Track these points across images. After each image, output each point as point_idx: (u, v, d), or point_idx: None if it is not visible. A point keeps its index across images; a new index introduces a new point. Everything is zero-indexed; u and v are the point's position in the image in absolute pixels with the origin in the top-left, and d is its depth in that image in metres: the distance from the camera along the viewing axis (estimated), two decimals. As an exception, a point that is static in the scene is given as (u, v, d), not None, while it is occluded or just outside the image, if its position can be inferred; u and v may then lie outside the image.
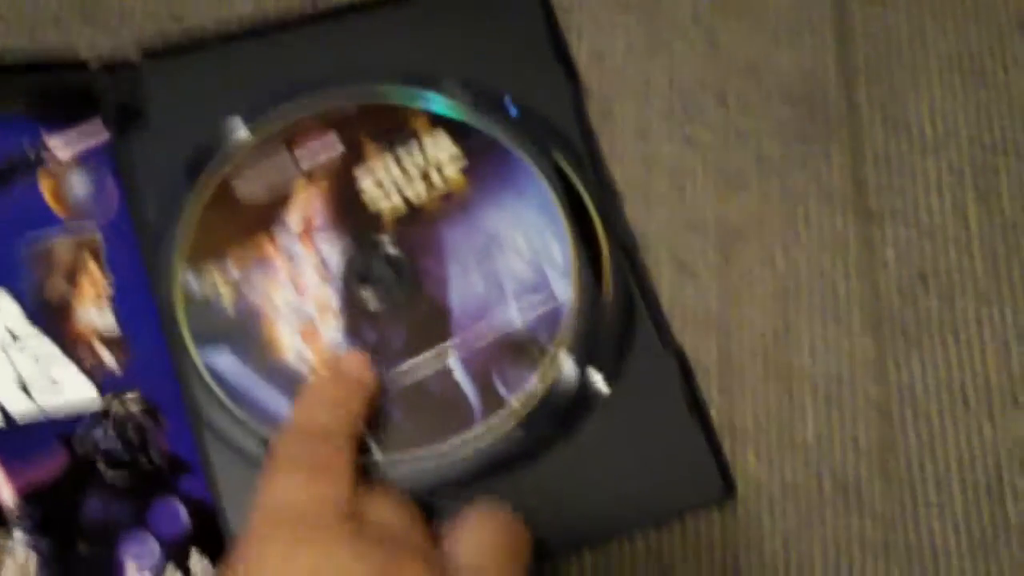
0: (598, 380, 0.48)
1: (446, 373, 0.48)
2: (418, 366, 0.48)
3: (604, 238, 0.50)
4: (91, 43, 0.54)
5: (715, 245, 0.52)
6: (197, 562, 0.46)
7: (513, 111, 0.51)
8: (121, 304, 0.49)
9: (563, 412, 0.48)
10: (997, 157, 0.53)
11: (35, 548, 0.46)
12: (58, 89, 0.52)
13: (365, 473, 0.46)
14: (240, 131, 0.51)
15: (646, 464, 0.47)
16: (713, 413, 0.49)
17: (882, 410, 0.50)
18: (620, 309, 0.49)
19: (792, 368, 0.51)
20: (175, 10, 0.55)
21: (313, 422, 0.43)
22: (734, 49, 0.55)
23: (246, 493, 0.44)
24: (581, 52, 0.54)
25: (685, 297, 0.51)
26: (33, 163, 0.50)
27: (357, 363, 0.46)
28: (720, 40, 0.55)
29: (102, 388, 0.48)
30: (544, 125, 0.51)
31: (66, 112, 0.51)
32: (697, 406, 0.48)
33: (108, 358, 0.48)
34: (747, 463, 0.49)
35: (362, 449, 0.46)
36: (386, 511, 0.42)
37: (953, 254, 0.52)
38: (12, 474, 0.46)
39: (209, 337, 0.48)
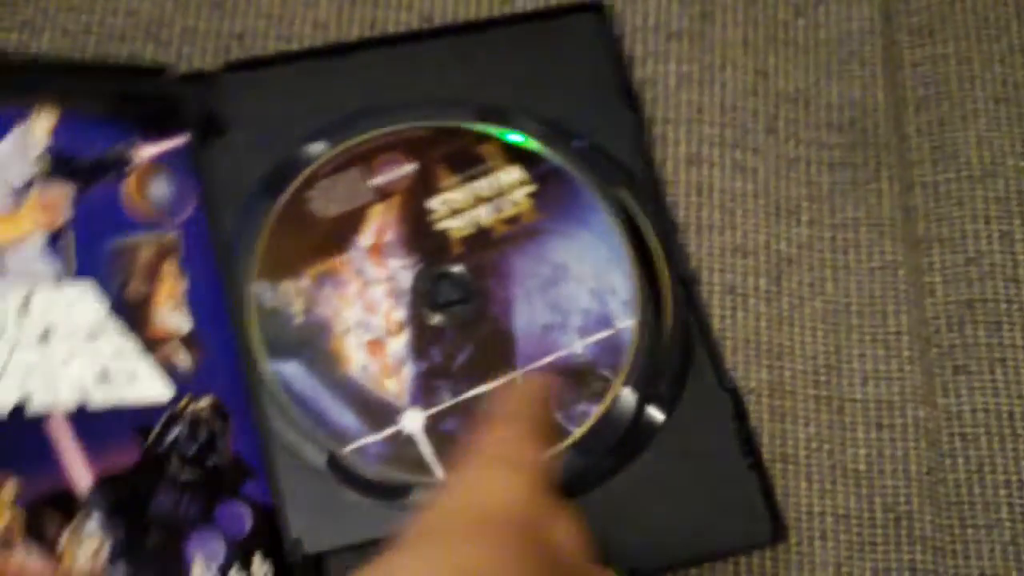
0: (655, 413, 0.46)
1: None
2: (482, 392, 0.45)
3: (665, 272, 0.47)
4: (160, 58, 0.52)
5: (765, 271, 0.49)
6: (260, 565, 0.44)
7: (580, 143, 0.49)
8: (196, 307, 0.47)
9: (619, 444, 0.45)
10: (1042, 187, 0.50)
11: (108, 534, 0.44)
12: (144, 95, 0.50)
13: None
14: (318, 148, 0.49)
15: (697, 501, 0.45)
16: (764, 440, 0.47)
17: (931, 436, 0.48)
18: (679, 343, 0.47)
19: (842, 394, 0.48)
20: (236, 29, 0.53)
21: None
22: (784, 78, 0.53)
23: (307, 501, 0.43)
24: (633, 79, 0.51)
25: (735, 322, 0.49)
26: (119, 164, 0.48)
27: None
28: (770, 69, 0.52)
29: (176, 387, 0.46)
30: (608, 158, 0.49)
31: (151, 119, 0.49)
32: (749, 448, 0.45)
33: (182, 358, 0.46)
34: (798, 490, 0.47)
35: (428, 471, 0.44)
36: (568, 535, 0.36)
37: (1000, 282, 0.49)
38: (89, 459, 0.44)
39: (278, 347, 0.46)
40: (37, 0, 0.52)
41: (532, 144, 0.49)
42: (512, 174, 0.49)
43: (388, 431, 0.45)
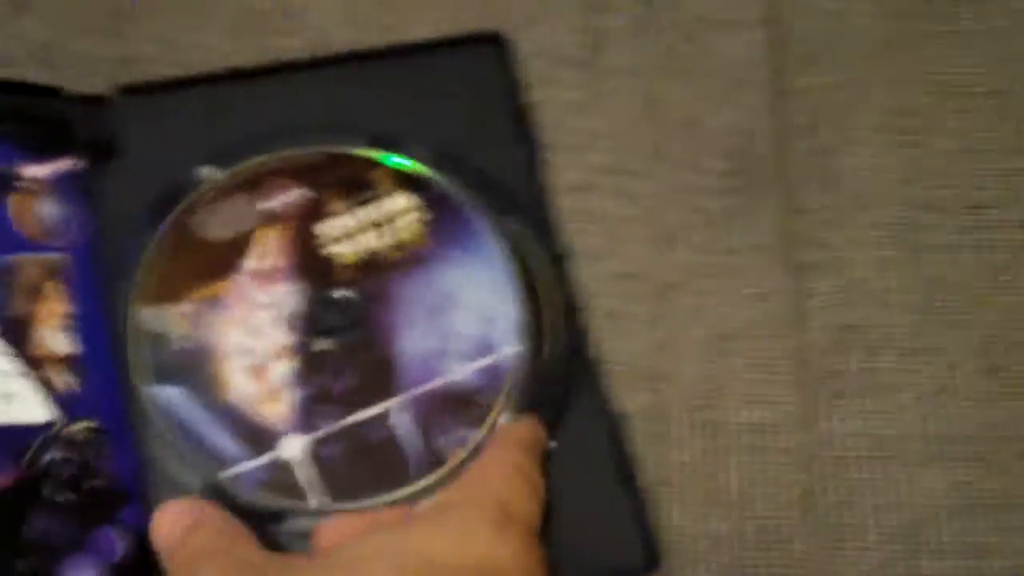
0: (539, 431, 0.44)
1: (388, 426, 0.45)
2: (363, 418, 0.45)
3: (550, 299, 0.47)
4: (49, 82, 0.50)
5: (649, 296, 0.49)
6: None
7: (469, 171, 0.48)
8: (81, 330, 0.46)
9: None
10: (921, 214, 0.50)
11: None
12: (35, 115, 0.48)
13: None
14: (206, 173, 0.48)
15: (572, 527, 0.44)
16: (642, 464, 0.46)
17: (805, 462, 0.47)
18: (561, 370, 0.46)
19: (718, 419, 0.47)
20: (126, 53, 0.52)
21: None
22: (673, 104, 0.52)
23: None
24: (525, 108, 0.51)
25: (616, 347, 0.48)
26: (4, 181, 0.47)
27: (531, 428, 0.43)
28: (659, 95, 0.52)
29: (55, 408, 0.45)
30: (498, 186, 0.48)
31: (42, 139, 0.48)
32: (626, 475, 0.45)
33: (63, 380, 0.45)
34: (672, 514, 0.46)
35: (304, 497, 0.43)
36: None
37: (877, 309, 0.49)
38: None
39: (160, 371, 0.45)
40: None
41: (422, 170, 0.48)
42: (401, 200, 0.48)
43: (267, 457, 0.44)
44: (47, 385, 0.45)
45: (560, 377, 0.46)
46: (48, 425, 0.45)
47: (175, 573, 0.39)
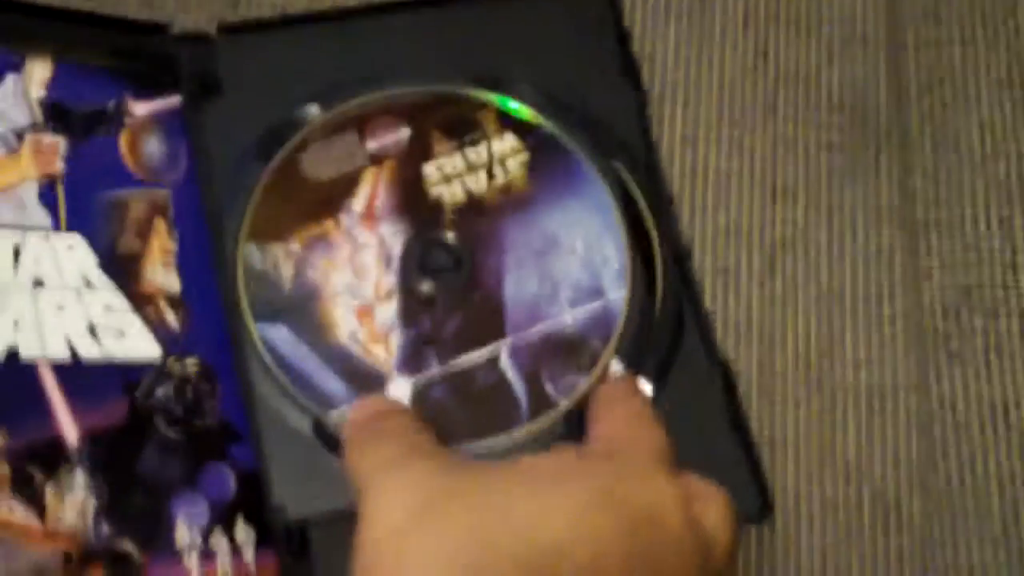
0: (644, 386, 0.44)
1: (497, 370, 0.44)
2: (470, 361, 0.44)
3: (658, 246, 0.46)
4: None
5: (759, 253, 0.48)
6: (242, 529, 0.43)
7: (577, 114, 0.47)
8: (184, 267, 0.46)
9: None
10: (1043, 174, 0.49)
11: (93, 492, 0.42)
12: (141, 51, 0.48)
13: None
14: (312, 111, 0.47)
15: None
16: (753, 423, 0.45)
17: (923, 425, 0.46)
18: (670, 317, 0.45)
19: (834, 379, 0.46)
20: None
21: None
22: (785, 58, 0.51)
23: (292, 467, 0.42)
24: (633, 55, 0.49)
25: (727, 304, 0.47)
26: (114, 118, 0.47)
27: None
28: (771, 48, 0.51)
29: (164, 345, 0.44)
30: (605, 129, 0.47)
31: (148, 76, 0.48)
32: (739, 423, 0.44)
33: (171, 318, 0.45)
34: (786, 475, 0.45)
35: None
36: None
37: (998, 269, 0.48)
38: (77, 413, 0.42)
39: (266, 311, 0.45)
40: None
41: (528, 113, 0.47)
42: (508, 144, 0.47)
43: (375, 398, 0.44)
44: (156, 322, 0.45)
45: (669, 324, 0.45)
46: (159, 362, 0.44)
47: (354, 447, 0.39)
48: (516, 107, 0.47)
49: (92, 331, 0.44)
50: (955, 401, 0.46)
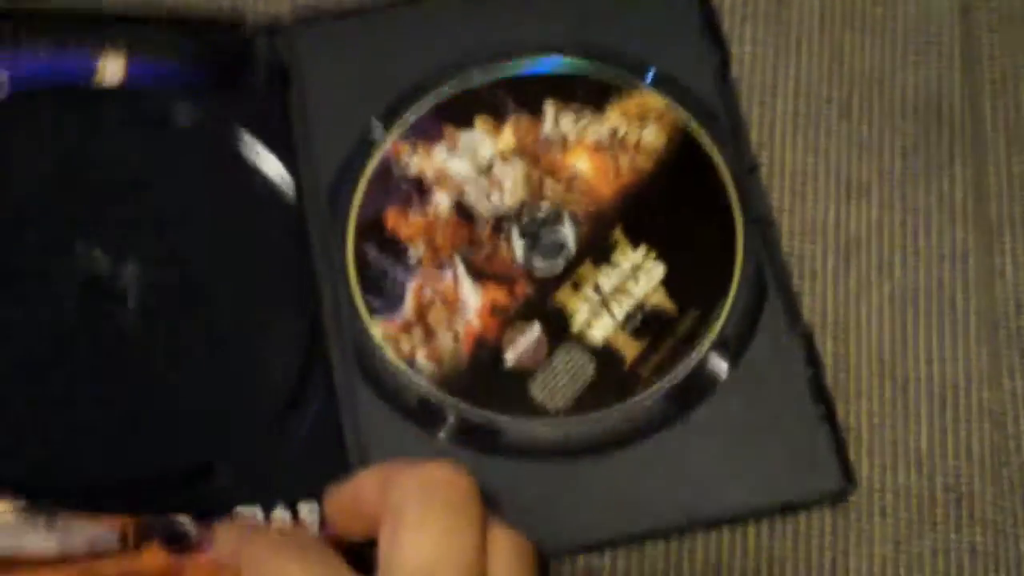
0: (718, 362, 0.44)
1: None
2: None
3: (738, 211, 0.45)
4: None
5: (834, 251, 0.48)
6: (306, 506, 0.43)
7: (652, 76, 0.48)
8: None
9: (682, 390, 0.44)
10: (1117, 176, 0.48)
11: None
12: (217, 46, 0.49)
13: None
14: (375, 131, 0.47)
15: (764, 450, 0.43)
16: None
17: (996, 419, 0.46)
18: (751, 283, 0.45)
19: (907, 373, 0.46)
20: None
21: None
22: (860, 60, 0.51)
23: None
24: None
25: (802, 301, 0.47)
26: None
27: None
28: (846, 51, 0.51)
29: None
30: (684, 92, 0.47)
31: (223, 69, 0.48)
32: (822, 395, 0.44)
33: None
34: (860, 466, 0.45)
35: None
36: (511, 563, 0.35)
37: None
38: None
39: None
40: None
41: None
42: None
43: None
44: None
45: (750, 291, 0.45)
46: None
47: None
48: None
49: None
50: None
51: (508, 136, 0.47)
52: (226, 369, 0.45)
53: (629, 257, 0.46)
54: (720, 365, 0.44)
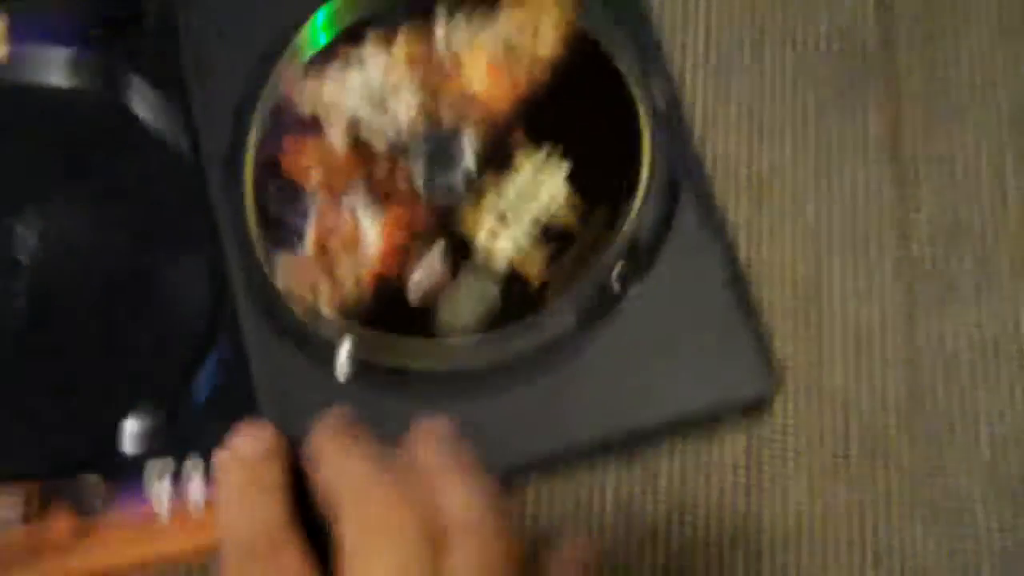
0: (629, 271, 0.42)
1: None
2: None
3: (643, 104, 0.44)
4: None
5: (746, 190, 0.47)
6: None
7: None
8: None
9: (591, 300, 0.42)
10: (1035, 111, 0.48)
11: None
12: None
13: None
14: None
15: (684, 359, 0.41)
16: None
17: (912, 362, 0.45)
18: (661, 183, 0.43)
19: (821, 313, 0.45)
20: None
21: (240, 532, 0.33)
22: None
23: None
24: None
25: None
26: None
27: (255, 439, 0.35)
28: None
29: None
30: None
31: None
32: (740, 290, 0.42)
33: None
34: (772, 408, 0.44)
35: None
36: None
37: (987, 206, 0.47)
38: None
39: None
40: None
41: None
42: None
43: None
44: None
45: (663, 188, 0.44)
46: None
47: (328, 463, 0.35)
48: None
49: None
50: (943, 337, 0.45)
51: (399, 51, 0.45)
52: (132, 323, 0.44)
53: (533, 159, 0.44)
54: (631, 272, 0.43)
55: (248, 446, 0.35)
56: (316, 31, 0.46)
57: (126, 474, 0.41)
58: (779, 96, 0.49)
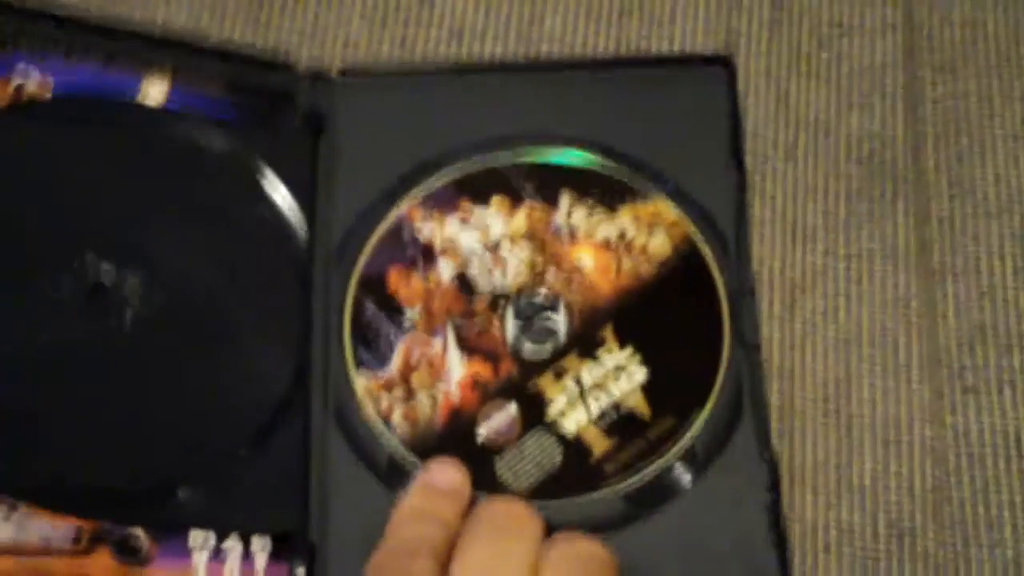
0: (683, 472, 0.45)
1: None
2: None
3: (728, 330, 0.47)
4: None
5: (779, 297, 0.50)
6: (259, 537, 0.45)
7: (670, 187, 0.49)
8: None
9: (643, 492, 0.45)
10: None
11: None
12: (261, 85, 0.51)
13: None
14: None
15: (713, 565, 0.44)
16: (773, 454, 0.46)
17: (937, 455, 0.48)
18: (729, 404, 0.46)
19: (851, 413, 0.48)
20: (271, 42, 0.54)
21: (404, 540, 0.41)
22: (805, 106, 0.53)
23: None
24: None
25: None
26: None
27: (451, 474, 0.43)
28: (792, 97, 0.53)
29: None
30: (698, 208, 0.49)
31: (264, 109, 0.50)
32: (777, 520, 0.45)
33: None
34: (804, 504, 0.47)
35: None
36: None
37: (1012, 312, 0.50)
38: None
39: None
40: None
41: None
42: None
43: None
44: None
45: (728, 409, 0.46)
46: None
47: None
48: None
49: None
50: (968, 432, 0.48)
51: (521, 219, 0.48)
52: (206, 393, 0.47)
53: (615, 356, 0.47)
54: (684, 475, 0.45)
55: (441, 478, 0.43)
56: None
57: (171, 533, 0.43)
58: (811, 202, 0.52)
